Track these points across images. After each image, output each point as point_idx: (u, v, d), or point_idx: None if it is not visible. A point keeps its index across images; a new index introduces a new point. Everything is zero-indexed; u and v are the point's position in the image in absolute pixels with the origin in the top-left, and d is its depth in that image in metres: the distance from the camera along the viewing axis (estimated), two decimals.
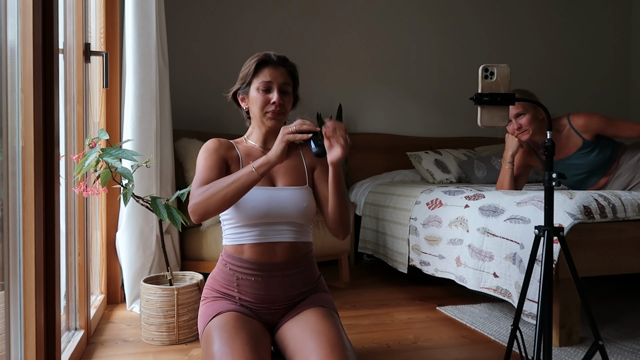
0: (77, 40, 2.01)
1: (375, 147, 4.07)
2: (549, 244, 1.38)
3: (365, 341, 2.06)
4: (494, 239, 2.17)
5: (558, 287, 1.94)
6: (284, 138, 1.39)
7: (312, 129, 1.39)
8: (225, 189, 1.40)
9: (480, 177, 3.55)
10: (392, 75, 4.24)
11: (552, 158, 1.40)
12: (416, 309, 2.52)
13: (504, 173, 2.48)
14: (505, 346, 1.93)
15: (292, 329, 1.49)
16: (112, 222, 2.53)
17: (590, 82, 4.79)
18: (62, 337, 1.61)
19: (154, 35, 2.44)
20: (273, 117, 1.55)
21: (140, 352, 1.95)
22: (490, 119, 1.37)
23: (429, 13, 4.33)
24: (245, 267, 1.52)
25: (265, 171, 1.40)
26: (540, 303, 1.37)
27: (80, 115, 2.05)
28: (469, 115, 4.25)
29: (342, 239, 1.59)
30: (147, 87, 2.42)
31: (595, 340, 1.40)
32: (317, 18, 4.04)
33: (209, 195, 1.40)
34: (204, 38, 3.77)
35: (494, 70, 1.36)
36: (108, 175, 1.90)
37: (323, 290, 1.66)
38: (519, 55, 4.54)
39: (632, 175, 2.40)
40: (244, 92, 1.60)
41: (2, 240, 1.21)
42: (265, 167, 1.39)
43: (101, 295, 2.49)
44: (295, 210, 1.53)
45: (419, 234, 2.75)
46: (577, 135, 2.38)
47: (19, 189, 1.25)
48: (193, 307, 2.06)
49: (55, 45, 1.37)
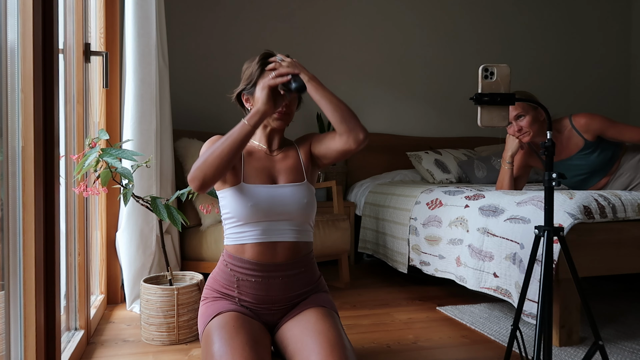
0: (77, 40, 2.01)
1: (375, 147, 4.07)
2: (549, 244, 1.38)
3: (365, 341, 2.06)
4: (494, 239, 2.17)
5: (558, 287, 1.94)
6: (265, 85, 1.45)
7: (289, 71, 1.47)
8: (220, 147, 1.41)
9: (480, 177, 3.55)
10: (392, 75, 4.24)
11: (552, 158, 1.40)
12: (416, 309, 2.52)
13: (503, 173, 2.48)
14: (505, 346, 1.93)
15: (292, 329, 1.49)
16: (112, 222, 2.53)
17: (590, 83, 4.79)
18: (62, 337, 1.61)
19: (154, 35, 2.44)
20: (279, 117, 1.56)
21: (140, 352, 1.95)
22: (490, 119, 1.37)
23: (428, 13, 4.33)
24: (246, 268, 1.52)
25: (256, 122, 1.43)
26: (540, 303, 1.37)
27: (80, 115, 2.05)
28: (469, 115, 4.25)
29: (363, 136, 1.49)
30: (147, 87, 2.42)
31: (595, 340, 1.40)
32: (317, 18, 4.04)
33: (206, 158, 1.42)
34: (204, 38, 3.77)
35: (494, 70, 1.37)
36: (108, 175, 1.90)
37: (323, 290, 1.66)
38: (519, 56, 4.54)
39: (632, 175, 2.40)
40: (249, 93, 1.59)
41: (2, 240, 1.21)
42: (255, 117, 1.44)
43: (101, 295, 2.49)
44: (296, 206, 1.53)
45: (419, 234, 2.75)
46: (579, 136, 2.38)
47: (19, 189, 1.25)
48: (193, 307, 2.07)
49: (55, 45, 1.37)
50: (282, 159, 1.61)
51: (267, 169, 1.58)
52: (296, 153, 1.64)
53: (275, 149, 1.63)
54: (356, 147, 1.51)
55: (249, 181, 1.53)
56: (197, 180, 1.41)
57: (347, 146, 1.52)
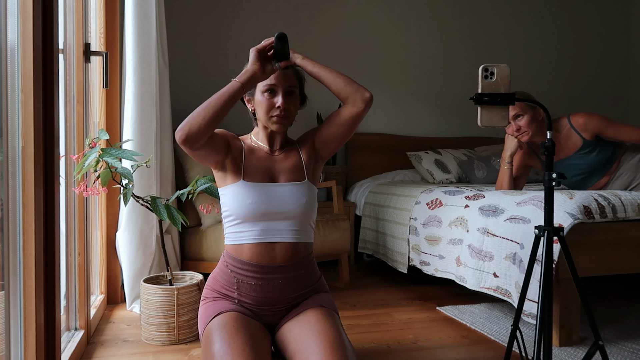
0: (77, 40, 2.01)
1: (375, 147, 4.07)
2: (549, 244, 1.38)
3: (365, 341, 2.06)
4: (494, 239, 2.17)
5: (558, 287, 1.94)
6: (252, 48, 1.48)
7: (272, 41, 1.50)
8: (208, 102, 1.44)
9: (480, 177, 3.55)
10: (392, 75, 4.24)
11: (552, 158, 1.40)
12: (416, 309, 2.52)
13: (502, 173, 2.48)
14: (505, 346, 1.93)
15: (292, 329, 1.49)
16: (112, 222, 2.53)
17: (590, 83, 4.79)
18: (62, 337, 1.61)
19: (154, 35, 2.44)
20: (278, 121, 1.55)
21: (140, 352, 1.95)
22: (490, 119, 1.37)
23: (428, 13, 4.33)
24: (246, 270, 1.52)
25: (245, 80, 1.45)
26: (540, 303, 1.37)
27: (80, 115, 2.05)
28: (469, 115, 4.25)
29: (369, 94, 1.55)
30: (147, 87, 2.42)
31: (595, 340, 1.40)
32: (317, 19, 4.04)
33: (195, 111, 1.44)
34: (204, 38, 3.77)
35: (494, 70, 1.37)
36: (108, 175, 1.90)
37: (324, 290, 1.66)
38: (519, 56, 4.55)
39: (633, 175, 2.40)
40: (250, 94, 1.60)
41: (2, 240, 1.21)
42: (245, 76, 1.46)
43: (101, 295, 2.49)
44: (295, 205, 1.53)
45: (419, 234, 2.75)
46: (577, 135, 2.38)
47: (19, 189, 1.25)
48: (193, 307, 2.07)
49: (55, 45, 1.37)
50: (283, 159, 1.61)
51: (267, 168, 1.58)
52: (297, 152, 1.64)
53: (276, 149, 1.63)
54: (364, 107, 1.56)
55: (249, 179, 1.54)
56: (181, 131, 1.42)
57: (355, 108, 1.56)
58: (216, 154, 1.52)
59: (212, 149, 1.50)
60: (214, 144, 1.50)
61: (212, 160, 1.54)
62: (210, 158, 1.52)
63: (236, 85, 1.44)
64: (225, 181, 1.55)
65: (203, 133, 1.41)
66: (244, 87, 1.45)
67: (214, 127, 1.44)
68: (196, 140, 1.42)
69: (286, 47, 1.49)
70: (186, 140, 1.41)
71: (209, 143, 1.47)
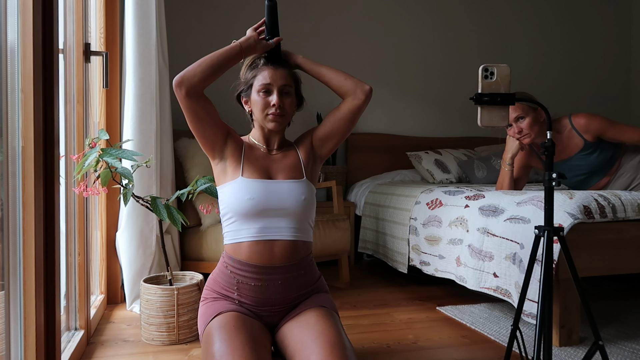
0: (77, 40, 2.01)
1: (375, 147, 4.07)
2: (549, 244, 1.38)
3: (365, 341, 2.06)
4: (494, 239, 2.17)
5: (558, 287, 1.94)
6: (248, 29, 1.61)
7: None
8: (208, 55, 1.51)
9: (480, 177, 3.55)
10: (391, 75, 4.24)
11: (552, 158, 1.40)
12: (416, 309, 2.52)
13: (503, 175, 2.47)
14: (505, 346, 1.93)
15: (292, 330, 1.49)
16: (112, 222, 2.53)
17: (590, 83, 4.79)
18: (62, 337, 1.61)
19: (154, 35, 2.44)
20: (273, 119, 1.55)
21: (140, 352, 1.95)
22: (490, 119, 1.37)
23: (428, 13, 4.33)
24: (245, 271, 1.52)
25: (244, 41, 1.55)
26: (540, 303, 1.37)
27: (80, 115, 2.05)
28: (468, 115, 4.25)
29: (368, 86, 1.60)
30: (147, 87, 2.42)
31: (595, 340, 1.40)
32: (317, 19, 4.04)
33: (194, 63, 1.50)
34: (204, 38, 3.77)
35: (494, 70, 1.37)
36: (108, 175, 1.90)
37: (324, 290, 1.66)
38: (519, 56, 4.54)
39: (633, 175, 2.40)
40: (246, 95, 1.62)
41: (2, 240, 1.21)
42: (244, 40, 1.56)
43: (101, 295, 2.49)
44: (294, 202, 1.53)
45: (419, 234, 2.75)
46: (579, 136, 2.38)
47: (19, 189, 1.25)
48: (193, 307, 2.07)
49: (55, 45, 1.37)
50: (281, 158, 1.62)
51: (266, 166, 1.59)
52: (295, 152, 1.65)
53: (274, 149, 1.63)
54: (365, 99, 1.59)
55: (247, 176, 1.54)
56: (177, 80, 1.47)
57: (357, 100, 1.59)
58: (211, 127, 1.54)
59: (208, 115, 1.52)
60: (210, 113, 1.54)
61: (207, 134, 1.55)
62: (206, 129, 1.54)
63: (236, 49, 1.54)
64: (225, 178, 1.56)
65: (198, 80, 1.47)
66: (242, 49, 1.54)
67: (209, 79, 1.50)
68: (191, 85, 1.47)
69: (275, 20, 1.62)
70: (181, 83, 1.47)
71: (204, 103, 1.51)
